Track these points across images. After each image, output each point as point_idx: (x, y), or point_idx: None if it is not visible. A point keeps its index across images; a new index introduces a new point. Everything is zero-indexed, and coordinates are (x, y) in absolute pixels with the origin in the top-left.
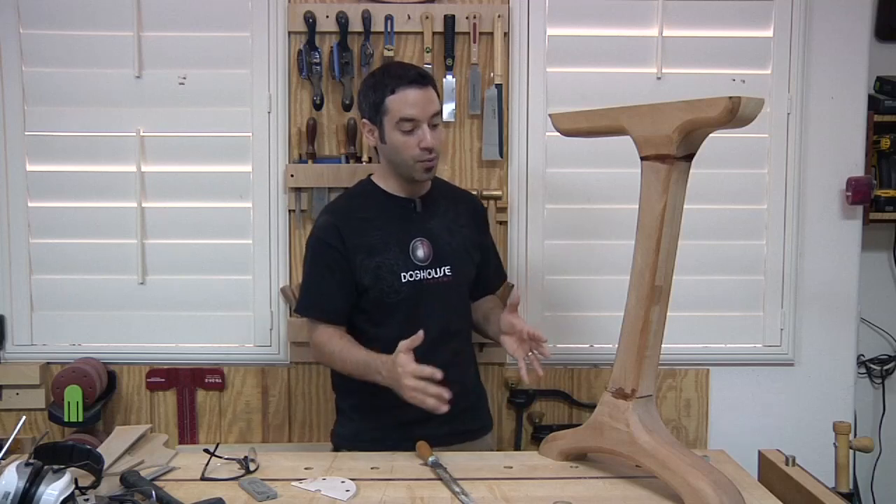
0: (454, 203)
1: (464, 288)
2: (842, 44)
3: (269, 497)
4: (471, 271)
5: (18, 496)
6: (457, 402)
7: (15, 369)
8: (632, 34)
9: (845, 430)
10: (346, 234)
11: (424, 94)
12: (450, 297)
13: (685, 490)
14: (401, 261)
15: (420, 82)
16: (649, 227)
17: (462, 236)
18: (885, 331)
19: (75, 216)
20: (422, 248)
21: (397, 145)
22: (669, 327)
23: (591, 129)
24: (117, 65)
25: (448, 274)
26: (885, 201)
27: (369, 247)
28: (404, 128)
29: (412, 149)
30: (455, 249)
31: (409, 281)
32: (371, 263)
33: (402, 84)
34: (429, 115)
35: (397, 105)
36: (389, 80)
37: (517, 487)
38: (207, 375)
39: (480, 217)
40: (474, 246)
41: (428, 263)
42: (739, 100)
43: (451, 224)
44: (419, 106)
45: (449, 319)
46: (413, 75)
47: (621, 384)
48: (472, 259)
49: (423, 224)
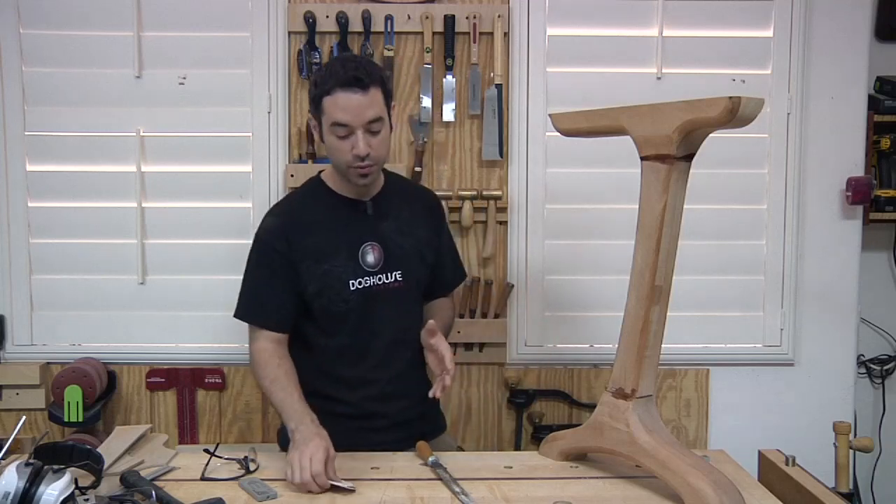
0: (408, 202)
1: (416, 293)
2: (842, 44)
3: (269, 497)
4: (423, 275)
5: (18, 496)
6: (411, 410)
7: (15, 369)
8: (632, 34)
9: (845, 430)
10: (292, 238)
11: (361, 98)
12: (402, 304)
13: (685, 490)
14: (349, 267)
15: (356, 85)
16: (649, 227)
17: (415, 238)
18: (885, 331)
19: (75, 216)
20: (372, 254)
21: (331, 148)
22: (669, 327)
23: (591, 129)
24: (117, 65)
25: (399, 279)
26: (885, 201)
27: (317, 252)
28: (338, 132)
29: (345, 154)
30: (407, 253)
31: (357, 289)
32: (318, 270)
33: (338, 85)
34: (364, 122)
35: (331, 108)
36: (329, 78)
37: (517, 487)
38: (207, 375)
39: (437, 215)
40: (428, 247)
41: (378, 269)
42: (739, 100)
43: (404, 225)
44: (351, 112)
45: (401, 327)
46: (349, 78)
47: (621, 384)
48: (425, 262)
49: (373, 227)
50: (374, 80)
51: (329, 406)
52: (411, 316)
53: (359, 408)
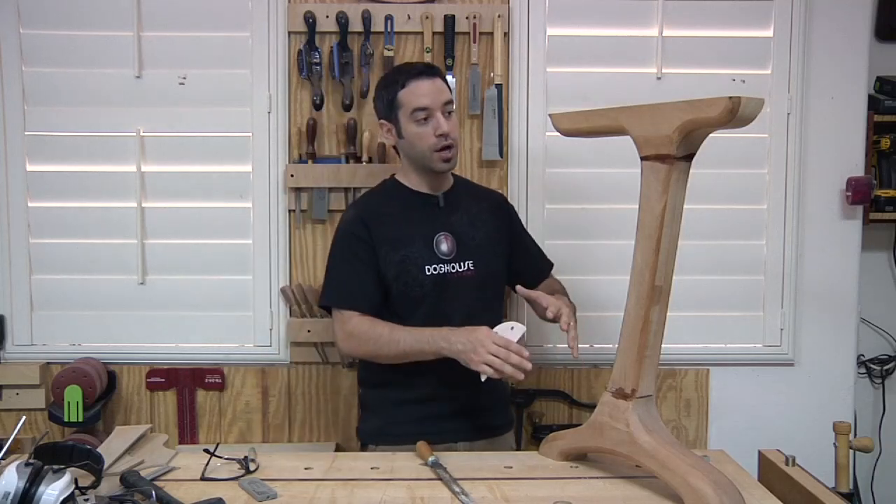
0: (477, 199)
1: (489, 283)
2: (842, 44)
3: (269, 497)
4: (498, 267)
5: (18, 496)
6: (480, 398)
7: (15, 369)
8: (632, 34)
9: (845, 430)
10: (372, 227)
11: (433, 83)
12: (473, 292)
13: (685, 490)
14: (425, 254)
15: (427, 73)
16: (649, 227)
17: (486, 231)
18: (885, 331)
19: (75, 216)
20: (445, 243)
21: (413, 137)
22: (669, 327)
23: (591, 129)
24: (117, 65)
25: (472, 268)
26: (885, 201)
27: (394, 239)
28: (418, 117)
29: (429, 138)
30: (479, 244)
31: (432, 274)
32: (396, 256)
33: (411, 77)
34: (441, 104)
35: (409, 97)
36: (399, 76)
37: (517, 487)
38: (207, 375)
39: (505, 212)
40: (501, 240)
41: (452, 258)
42: (739, 100)
43: (475, 219)
44: (430, 95)
45: (472, 314)
46: (421, 67)
47: (621, 384)
48: (499, 253)
49: (446, 219)
50: (439, 71)
51: (397, 394)
52: (482, 304)
53: (427, 393)
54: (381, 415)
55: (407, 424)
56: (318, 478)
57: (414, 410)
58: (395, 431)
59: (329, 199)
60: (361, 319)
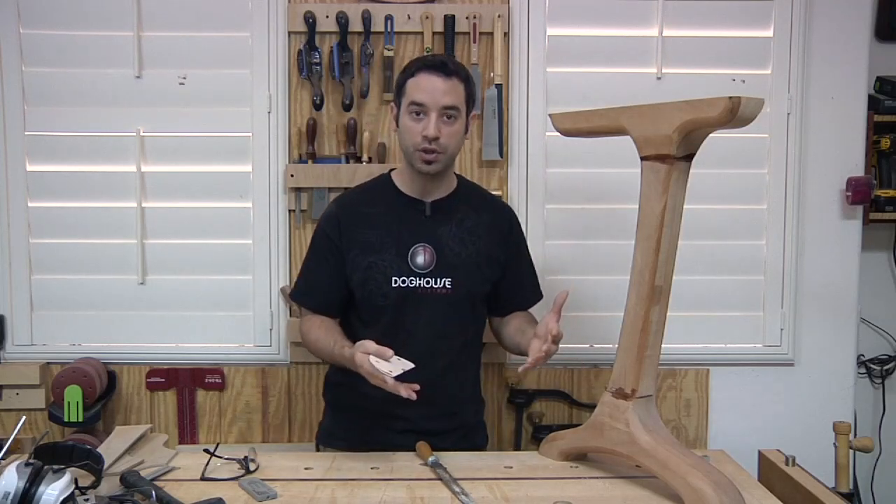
0: (477, 212)
1: (466, 303)
2: (842, 44)
3: (269, 497)
4: (481, 288)
5: (18, 496)
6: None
7: (15, 369)
8: (632, 34)
9: (845, 430)
10: (345, 227)
11: (441, 82)
12: (445, 310)
13: (685, 490)
14: (395, 264)
15: (441, 70)
16: (649, 227)
17: (477, 248)
18: (885, 331)
19: (75, 216)
20: (423, 255)
21: (404, 129)
22: (669, 327)
23: (591, 129)
24: (117, 65)
25: (448, 287)
26: (885, 201)
27: (365, 244)
28: (413, 111)
29: (415, 135)
30: (464, 262)
31: (399, 287)
32: (363, 262)
33: (422, 68)
34: (440, 105)
35: (412, 88)
36: (415, 63)
37: (517, 487)
38: (207, 375)
39: (508, 231)
40: (493, 261)
41: (427, 272)
42: (739, 100)
43: (465, 234)
44: (430, 93)
45: (440, 333)
46: (435, 62)
47: (621, 384)
48: (485, 274)
49: (430, 229)
50: (458, 72)
51: (353, 399)
52: (453, 325)
53: (380, 406)
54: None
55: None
56: (318, 478)
57: (363, 418)
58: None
59: (329, 199)
60: (312, 319)
